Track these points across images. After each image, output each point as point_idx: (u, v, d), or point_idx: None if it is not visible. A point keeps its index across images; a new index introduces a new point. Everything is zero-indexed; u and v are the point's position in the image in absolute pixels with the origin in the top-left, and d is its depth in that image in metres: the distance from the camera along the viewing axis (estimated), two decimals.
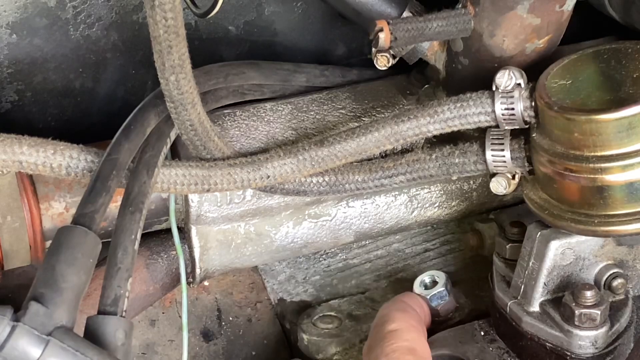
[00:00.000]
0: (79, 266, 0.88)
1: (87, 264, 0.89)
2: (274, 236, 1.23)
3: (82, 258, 0.88)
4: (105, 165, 0.98)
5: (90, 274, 0.90)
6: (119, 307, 0.89)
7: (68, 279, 0.86)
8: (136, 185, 0.99)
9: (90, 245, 0.90)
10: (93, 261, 0.90)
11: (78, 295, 0.87)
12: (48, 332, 0.81)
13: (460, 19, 1.09)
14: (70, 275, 0.86)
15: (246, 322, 1.31)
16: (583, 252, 1.05)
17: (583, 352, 1.03)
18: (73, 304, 0.86)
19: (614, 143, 0.95)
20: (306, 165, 1.09)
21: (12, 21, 1.20)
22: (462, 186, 1.29)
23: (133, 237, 0.94)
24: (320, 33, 1.38)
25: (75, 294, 0.86)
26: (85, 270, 0.88)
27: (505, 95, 1.05)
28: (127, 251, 0.93)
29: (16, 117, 1.27)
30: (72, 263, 0.87)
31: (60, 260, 0.87)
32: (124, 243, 0.93)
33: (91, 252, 0.90)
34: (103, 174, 0.97)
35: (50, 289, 0.85)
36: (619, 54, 1.04)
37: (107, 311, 0.88)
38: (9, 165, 0.97)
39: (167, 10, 0.87)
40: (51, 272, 0.86)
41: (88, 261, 0.89)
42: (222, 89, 1.22)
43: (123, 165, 0.99)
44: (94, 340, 0.85)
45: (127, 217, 0.96)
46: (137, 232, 0.95)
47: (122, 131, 1.03)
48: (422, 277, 1.19)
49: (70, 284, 0.86)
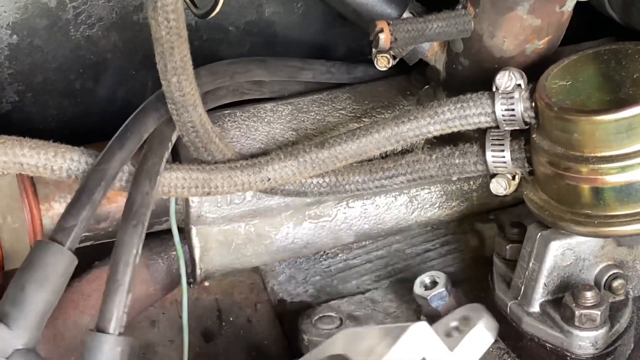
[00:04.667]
0: (49, 287, 0.88)
1: (57, 284, 0.90)
2: (274, 237, 1.23)
3: (54, 278, 0.89)
4: (92, 176, 0.98)
5: (60, 292, 0.90)
6: (117, 324, 0.89)
7: (36, 300, 0.87)
8: (139, 196, 0.98)
9: (64, 264, 0.90)
10: (65, 280, 0.91)
11: (44, 316, 0.88)
12: (7, 356, 0.82)
13: (461, 19, 1.09)
14: (38, 296, 0.87)
15: (246, 323, 1.31)
16: (583, 253, 1.05)
17: (583, 352, 1.03)
18: (37, 325, 0.87)
19: (614, 144, 0.95)
20: (307, 168, 1.09)
21: (13, 22, 1.20)
22: (462, 187, 1.29)
23: (134, 251, 0.94)
24: (320, 33, 1.38)
25: (41, 316, 0.88)
26: (54, 290, 0.89)
27: (506, 96, 1.05)
28: (128, 266, 0.93)
29: (16, 117, 1.27)
30: (42, 284, 0.88)
31: (30, 280, 0.88)
32: (125, 258, 0.93)
33: (64, 272, 0.90)
34: (90, 185, 0.97)
35: (17, 309, 0.86)
36: (619, 55, 1.04)
37: (105, 328, 0.89)
38: (9, 167, 0.97)
39: (169, 11, 0.87)
40: (20, 291, 0.87)
41: (59, 280, 0.90)
42: (222, 88, 1.22)
43: (112, 175, 0.99)
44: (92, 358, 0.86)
45: (129, 231, 0.96)
46: (139, 246, 0.95)
47: (117, 138, 1.02)
48: (422, 278, 1.20)
49: (38, 306, 0.87)
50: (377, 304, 1.25)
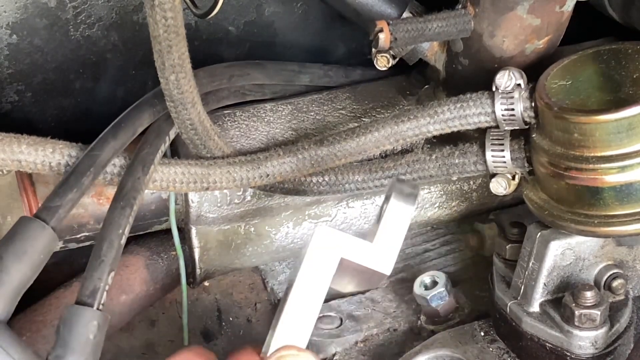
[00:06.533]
0: (27, 261, 0.88)
1: (35, 260, 0.89)
2: (274, 236, 1.23)
3: (32, 253, 0.89)
4: (84, 160, 0.98)
5: (38, 270, 0.90)
6: (96, 299, 0.89)
7: (12, 272, 0.87)
8: (130, 180, 0.99)
9: (44, 241, 0.90)
10: (44, 257, 0.91)
11: (18, 290, 0.87)
12: None
13: (460, 19, 1.09)
14: (15, 269, 0.87)
15: (246, 323, 1.31)
16: (583, 253, 1.05)
17: (583, 352, 1.03)
18: (11, 298, 0.86)
19: (613, 144, 0.95)
20: (305, 165, 1.09)
21: (13, 21, 1.20)
22: (462, 187, 1.29)
23: (120, 231, 0.94)
24: (320, 33, 1.38)
25: (16, 289, 0.87)
26: (32, 266, 0.89)
27: (505, 96, 1.05)
28: (113, 245, 0.93)
29: (16, 117, 1.27)
30: (20, 257, 0.88)
31: (9, 251, 0.88)
32: (110, 237, 0.93)
33: (44, 249, 0.90)
34: (79, 169, 0.97)
35: None
36: (618, 55, 1.04)
37: (84, 302, 0.88)
38: (7, 164, 0.97)
39: (166, 9, 0.87)
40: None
41: (38, 257, 0.90)
42: (224, 89, 1.22)
43: (103, 162, 0.99)
44: (67, 329, 0.86)
45: (117, 212, 0.96)
46: (126, 227, 0.95)
47: (112, 128, 1.03)
48: (422, 278, 1.20)
49: (13, 279, 0.86)
50: (377, 303, 1.25)
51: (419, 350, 1.13)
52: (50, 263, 1.18)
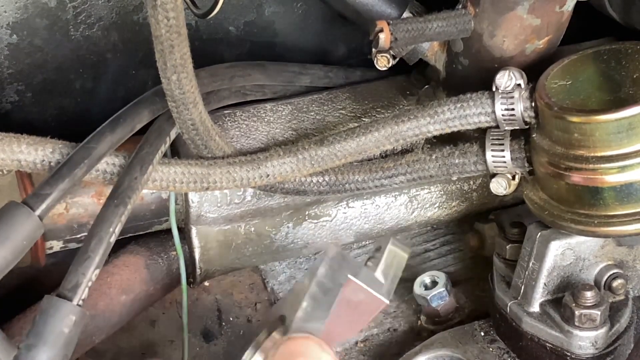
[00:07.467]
0: (9, 245, 0.88)
1: (18, 246, 0.89)
2: (274, 237, 1.23)
3: (15, 238, 0.89)
4: (78, 152, 0.98)
5: (20, 255, 0.90)
6: (77, 294, 0.89)
7: None
8: (127, 179, 0.99)
9: (29, 228, 0.90)
10: (27, 244, 0.90)
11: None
12: None
13: (461, 19, 1.09)
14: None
15: (246, 323, 1.31)
16: (583, 253, 1.05)
17: (583, 352, 1.03)
18: None
19: (613, 144, 0.95)
20: (306, 165, 1.09)
21: (13, 21, 1.20)
22: (462, 187, 1.29)
23: (111, 229, 0.94)
24: (320, 33, 1.38)
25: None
26: (13, 251, 0.89)
27: (506, 96, 1.05)
28: (102, 242, 0.93)
29: (16, 117, 1.27)
30: (2, 241, 0.88)
31: None
32: (100, 234, 0.93)
33: (27, 235, 0.90)
34: (73, 160, 0.97)
35: None
36: (618, 55, 1.04)
37: (64, 295, 0.88)
38: (7, 164, 0.97)
39: (169, 9, 0.87)
40: None
41: (21, 243, 0.89)
42: (225, 90, 1.22)
43: (98, 155, 0.99)
44: (43, 320, 0.86)
45: (110, 209, 0.96)
46: (117, 225, 0.95)
47: (110, 122, 1.03)
48: (422, 278, 1.20)
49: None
50: None
51: (419, 350, 1.13)
52: (50, 263, 1.18)
